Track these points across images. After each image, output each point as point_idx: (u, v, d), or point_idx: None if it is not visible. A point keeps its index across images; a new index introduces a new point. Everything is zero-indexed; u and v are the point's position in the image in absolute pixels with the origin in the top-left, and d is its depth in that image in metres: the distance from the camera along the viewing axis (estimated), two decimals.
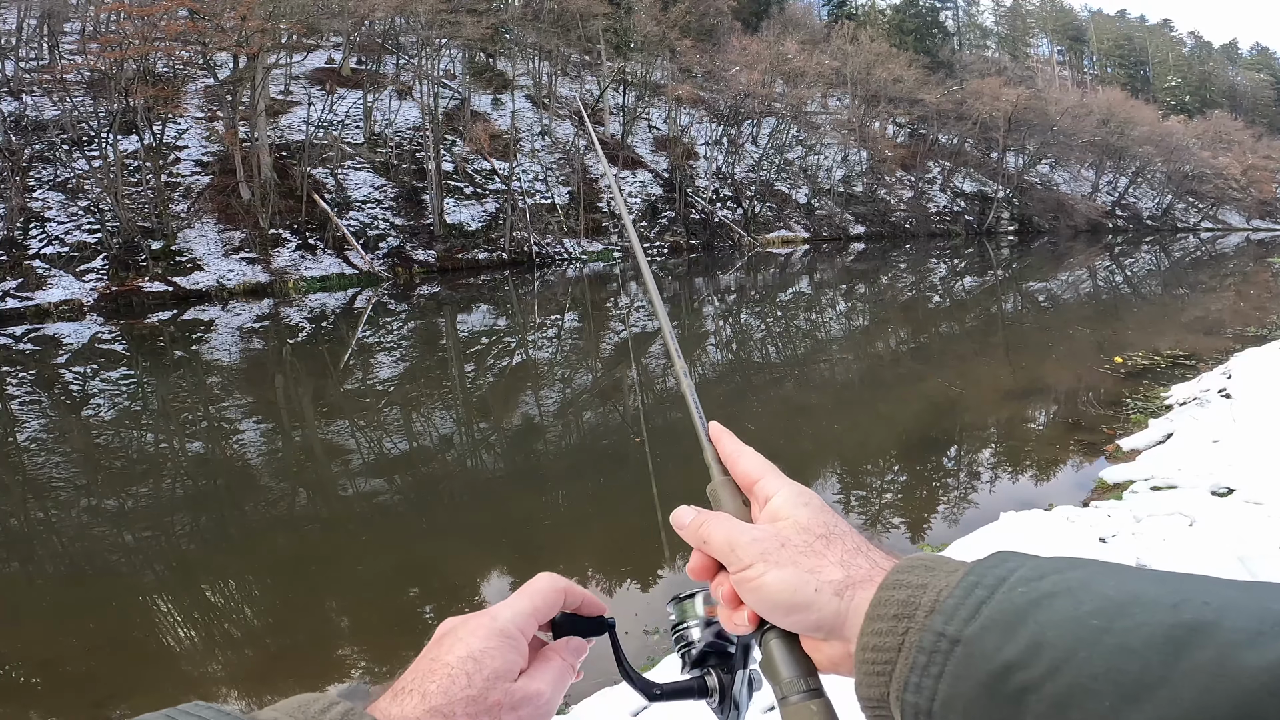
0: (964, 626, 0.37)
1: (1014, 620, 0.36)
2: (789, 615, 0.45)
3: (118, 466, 7.64)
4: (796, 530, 0.48)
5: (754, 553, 0.47)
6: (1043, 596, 0.36)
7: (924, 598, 0.40)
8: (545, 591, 0.54)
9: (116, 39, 18.63)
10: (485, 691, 0.47)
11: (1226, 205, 56.69)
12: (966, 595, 0.38)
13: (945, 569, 0.42)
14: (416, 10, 23.08)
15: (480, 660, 0.48)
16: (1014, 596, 0.37)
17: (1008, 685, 0.34)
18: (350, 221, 21.30)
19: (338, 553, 5.68)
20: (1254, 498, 4.75)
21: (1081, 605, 0.35)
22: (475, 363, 12.16)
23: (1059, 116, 42.60)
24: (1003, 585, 0.38)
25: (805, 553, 0.46)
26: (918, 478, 7.10)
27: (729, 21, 40.50)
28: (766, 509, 0.51)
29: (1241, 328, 13.58)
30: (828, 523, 0.48)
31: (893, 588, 0.42)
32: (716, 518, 0.51)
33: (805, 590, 0.44)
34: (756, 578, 0.46)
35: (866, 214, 36.09)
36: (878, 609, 0.41)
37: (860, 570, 0.45)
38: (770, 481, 0.52)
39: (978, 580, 0.39)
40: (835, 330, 15.46)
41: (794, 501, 0.50)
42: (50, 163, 18.56)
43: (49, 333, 13.99)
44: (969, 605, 0.38)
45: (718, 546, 0.49)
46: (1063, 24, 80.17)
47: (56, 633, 4.60)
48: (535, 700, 0.49)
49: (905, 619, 0.40)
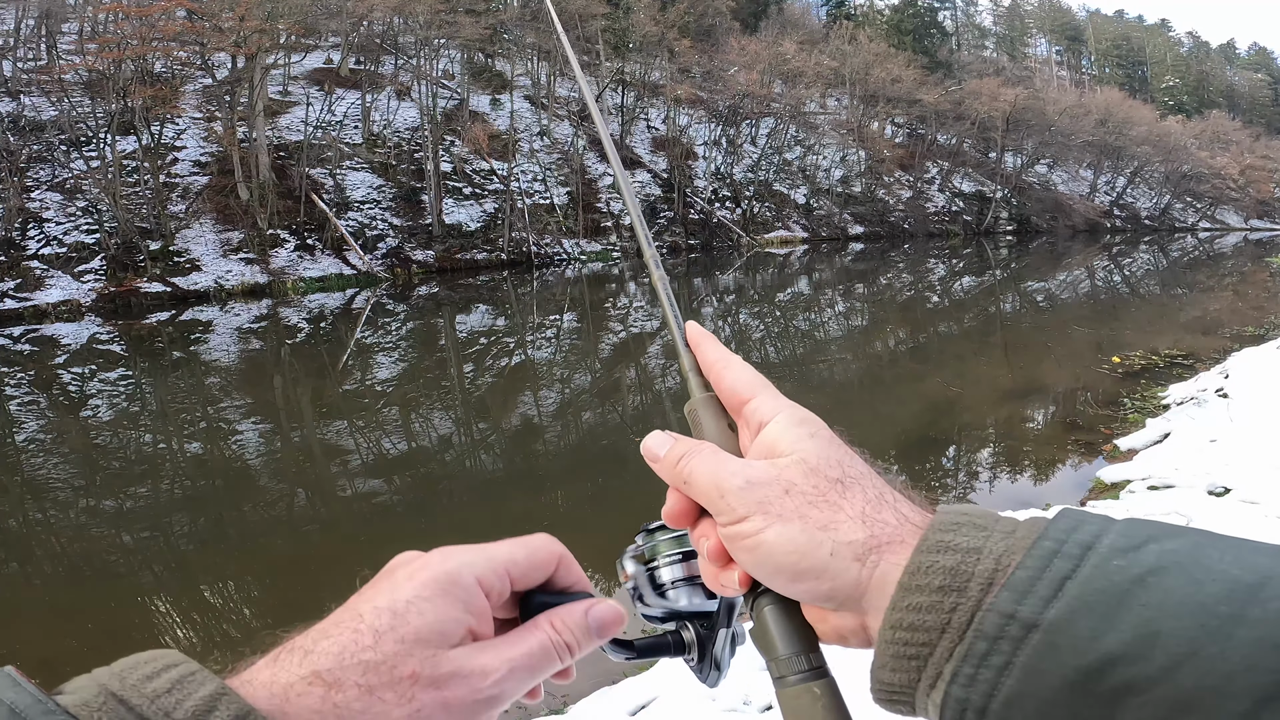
0: (1044, 608, 0.29)
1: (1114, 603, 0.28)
2: (794, 583, 0.36)
3: (116, 467, 7.63)
4: (803, 472, 0.37)
5: (750, 500, 0.37)
6: (1147, 573, 0.29)
7: (979, 566, 0.32)
8: (534, 548, 0.41)
9: (114, 39, 18.61)
10: (395, 657, 0.34)
11: (1224, 205, 56.77)
12: (1044, 566, 0.30)
13: (1001, 529, 0.33)
14: (415, 10, 23.08)
15: (401, 614, 0.35)
16: (1109, 571, 0.29)
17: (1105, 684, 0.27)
18: (349, 222, 21.29)
19: (337, 553, 5.68)
20: (1251, 497, 4.77)
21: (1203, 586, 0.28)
22: (474, 363, 12.16)
23: (1057, 116, 42.64)
24: (1090, 555, 0.30)
25: (815, 502, 0.37)
26: (916, 477, 7.11)
27: (727, 22, 40.51)
28: (761, 438, 0.40)
29: (1239, 327, 13.60)
30: (842, 461, 0.38)
31: (935, 551, 0.33)
32: (700, 450, 0.40)
33: (817, 553, 0.35)
34: (753, 534, 0.37)
35: (865, 214, 36.11)
36: (916, 578, 0.32)
37: (886, 527, 0.36)
38: (765, 401, 0.41)
39: (1057, 547, 0.31)
40: (834, 330, 15.48)
41: (797, 430, 0.39)
42: (48, 163, 18.53)
43: (47, 333, 13.97)
44: (1049, 580, 0.30)
45: (702, 488, 0.39)
46: (1060, 24, 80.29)
47: (55, 633, 4.60)
48: (474, 679, 0.36)
49: (955, 592, 0.31)
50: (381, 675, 0.34)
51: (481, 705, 0.36)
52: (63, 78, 18.67)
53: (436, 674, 0.35)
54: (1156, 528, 0.31)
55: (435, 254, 21.81)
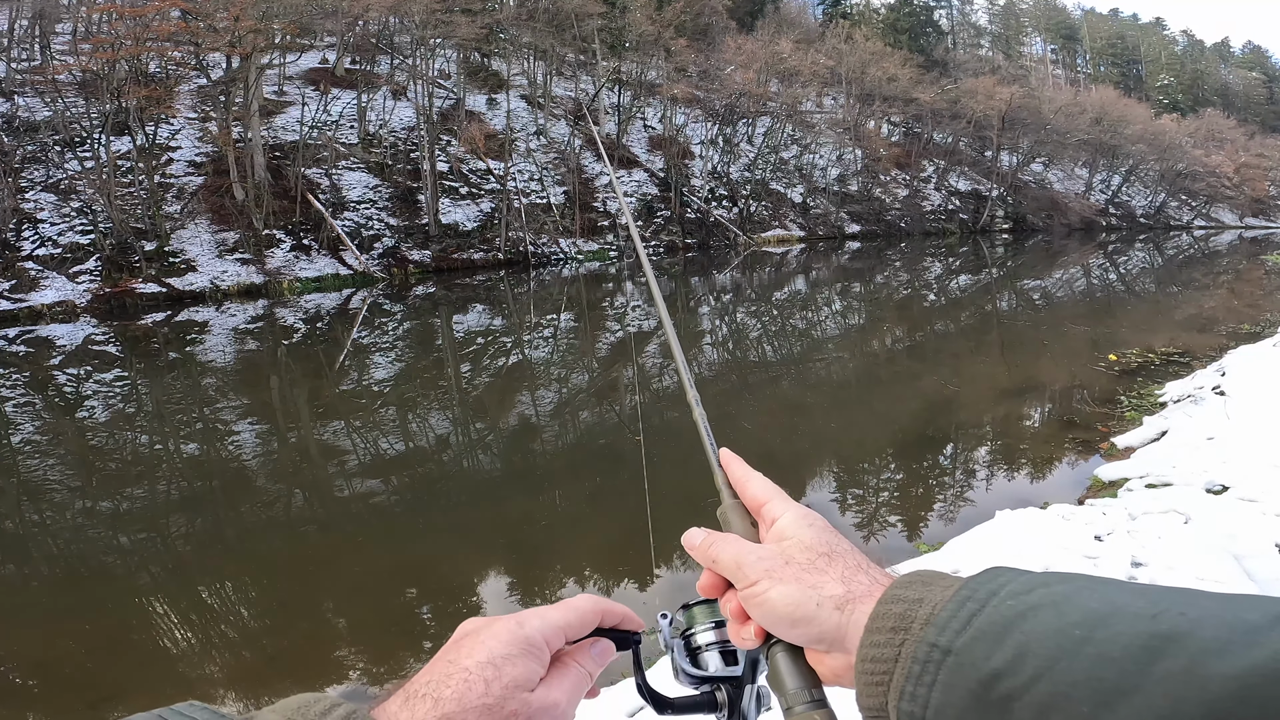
0: (955, 637, 0.39)
1: (1001, 631, 0.38)
2: (793, 628, 0.47)
3: (112, 468, 7.60)
4: (800, 549, 0.50)
5: (760, 570, 0.49)
6: (1029, 609, 0.38)
7: (920, 611, 0.42)
8: (583, 610, 0.54)
9: (108, 39, 18.54)
10: (503, 701, 0.46)
11: (1219, 203, 56.93)
12: (959, 608, 0.40)
13: (941, 584, 0.44)
14: (411, 10, 23.02)
15: (500, 667, 0.47)
16: (1003, 609, 0.39)
17: (994, 692, 0.36)
18: (345, 222, 21.24)
19: (334, 554, 5.67)
20: (1249, 495, 4.77)
21: (1065, 616, 0.36)
22: (471, 363, 12.14)
23: (1052, 115, 42.71)
24: (994, 599, 0.40)
25: (808, 569, 0.48)
26: (914, 476, 7.11)
27: (724, 21, 40.51)
28: (773, 530, 0.53)
29: (1235, 325, 13.64)
30: (830, 542, 0.50)
31: (890, 602, 0.43)
32: (725, 538, 0.53)
33: (808, 604, 0.46)
34: (762, 593, 0.48)
35: (861, 213, 36.14)
36: (876, 622, 0.43)
37: (861, 586, 0.47)
38: (777, 504, 0.54)
39: (970, 594, 0.41)
40: (831, 329, 15.48)
41: (799, 523, 0.52)
42: (42, 164, 18.46)
43: (42, 334, 13.92)
44: (961, 617, 0.40)
45: (726, 565, 0.52)
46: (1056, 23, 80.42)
47: (53, 634, 4.58)
48: (551, 711, 0.48)
49: (902, 631, 0.42)
50: (494, 715, 0.45)
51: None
52: (57, 78, 18.60)
53: (529, 711, 0.47)
54: (1054, 576, 0.40)
55: (432, 254, 21.77)
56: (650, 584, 5.06)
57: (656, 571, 5.19)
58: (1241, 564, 3.78)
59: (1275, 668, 0.30)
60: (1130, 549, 4.07)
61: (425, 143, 23.01)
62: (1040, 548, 4.15)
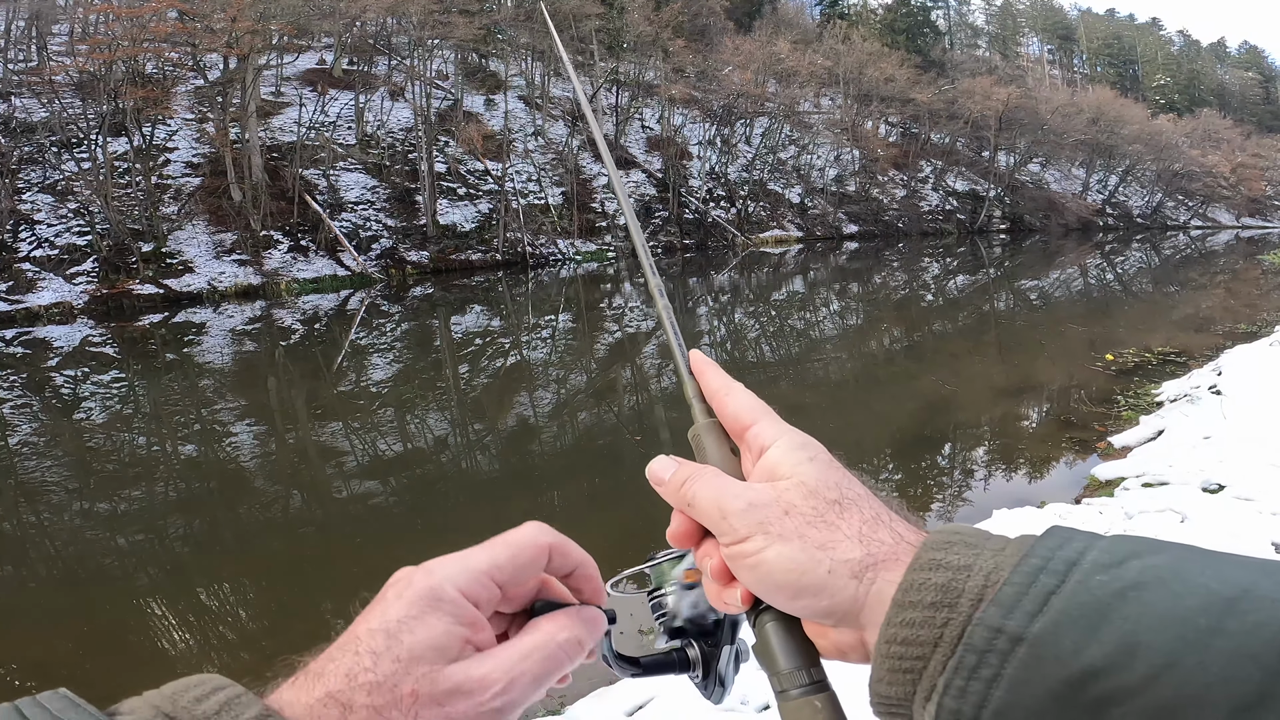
0: (1029, 621, 0.30)
1: (1096, 616, 0.29)
2: (794, 599, 0.38)
3: (110, 470, 7.60)
4: (803, 494, 0.39)
5: (751, 521, 0.39)
6: (1128, 587, 0.30)
7: (969, 583, 0.33)
8: (517, 543, 0.41)
9: (105, 40, 18.52)
10: (394, 676, 0.35)
11: (1216, 203, 57.07)
12: (1030, 582, 0.31)
13: (990, 547, 0.35)
14: (408, 11, 23.02)
15: (395, 634, 0.36)
16: (1092, 586, 0.30)
17: (1087, 694, 0.28)
18: (343, 223, 21.23)
19: (332, 555, 5.67)
20: (1245, 494, 4.79)
21: (1181, 600, 0.29)
22: (469, 364, 12.14)
23: (1049, 115, 42.80)
24: (1074, 570, 0.31)
25: (814, 523, 0.38)
26: (912, 476, 7.12)
27: (721, 21, 40.55)
28: (762, 462, 0.42)
29: (1232, 324, 13.67)
30: (840, 484, 0.40)
31: (928, 569, 0.34)
32: (703, 473, 0.42)
33: (816, 571, 0.37)
34: (754, 553, 0.38)
35: (859, 213, 36.18)
36: (910, 594, 0.34)
37: (883, 546, 0.37)
38: (766, 427, 0.44)
39: (1043, 564, 0.32)
40: (829, 329, 15.50)
41: (797, 455, 0.41)
42: (39, 165, 18.42)
43: (39, 336, 13.89)
44: (1034, 595, 0.31)
45: (705, 510, 0.41)
46: (1053, 23, 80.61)
47: (50, 635, 4.57)
48: (476, 693, 0.36)
49: (946, 608, 0.33)
50: (385, 695, 0.35)
51: (488, 717, 0.36)
52: (53, 79, 18.57)
53: (435, 691, 0.35)
54: (1140, 543, 0.32)
55: (430, 255, 21.76)
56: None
57: None
58: None
59: None
60: None
61: (423, 143, 23.00)
62: None
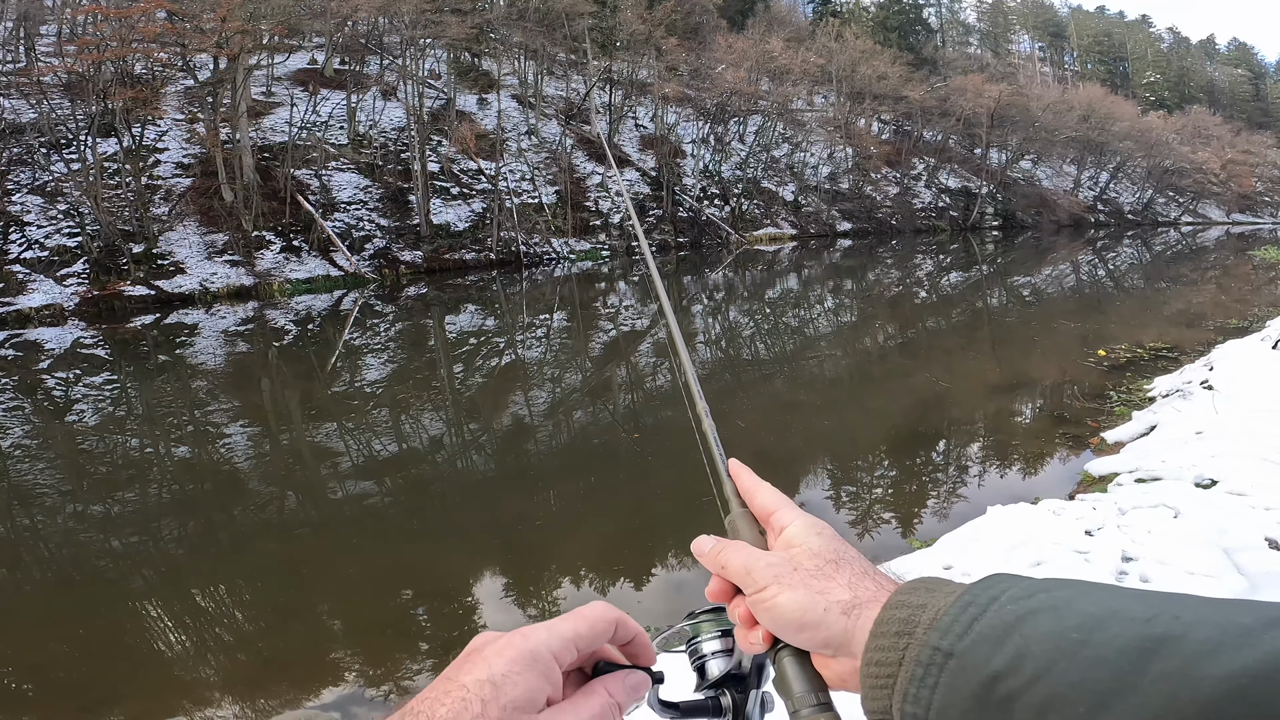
0: (957, 641, 0.41)
1: (1002, 634, 0.39)
2: (800, 633, 0.48)
3: (103, 472, 7.55)
4: (808, 555, 0.51)
5: (769, 575, 0.50)
6: (1029, 613, 0.39)
7: (923, 616, 0.43)
8: (593, 619, 0.51)
9: (93, 41, 18.37)
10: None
11: (1206, 199, 57.40)
12: (961, 612, 0.42)
13: (944, 590, 0.45)
14: (400, 10, 22.93)
15: (499, 685, 0.43)
16: (1003, 613, 0.40)
17: (995, 693, 0.38)
18: (335, 223, 21.14)
19: (328, 556, 5.65)
20: (1238, 489, 4.82)
21: (1064, 620, 0.38)
22: (464, 364, 12.11)
23: (1040, 112, 42.98)
24: (994, 603, 0.41)
25: (816, 575, 0.50)
26: (907, 473, 7.14)
27: (714, 20, 40.55)
28: (781, 537, 0.54)
29: (1223, 320, 13.76)
30: (838, 549, 0.52)
31: (895, 607, 0.45)
32: (734, 545, 0.55)
33: (815, 610, 0.48)
34: (770, 598, 0.50)
35: (853, 210, 36.24)
36: (881, 626, 0.45)
37: (867, 592, 0.48)
38: (786, 513, 0.56)
39: (972, 599, 0.42)
40: (823, 326, 15.53)
41: (807, 530, 0.53)
42: (28, 166, 18.29)
43: (30, 338, 13.80)
44: (963, 621, 0.41)
45: (735, 571, 0.53)
46: (1043, 20, 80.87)
47: (45, 638, 4.55)
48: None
49: (906, 635, 0.43)
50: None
51: None
52: (42, 80, 18.43)
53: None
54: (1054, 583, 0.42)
55: (423, 254, 21.71)
56: (646, 582, 5.07)
57: (656, 571, 5.20)
58: (1231, 558, 3.82)
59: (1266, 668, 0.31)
60: (1121, 544, 4.11)
61: (416, 143, 22.93)
62: (1032, 543, 4.18)
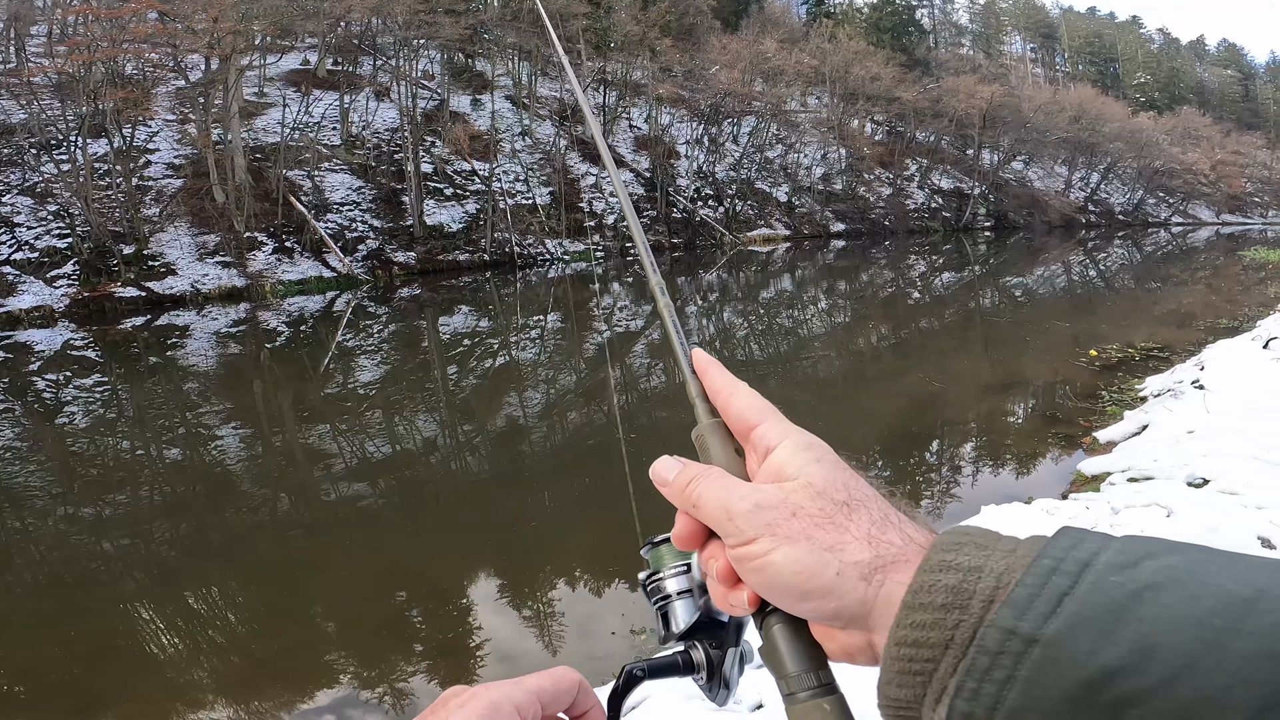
0: (1043, 623, 0.30)
1: (1111, 617, 0.29)
2: (802, 602, 0.38)
3: (94, 475, 7.50)
4: (810, 495, 0.39)
5: (758, 523, 0.38)
6: (1144, 588, 0.30)
7: (981, 584, 0.33)
8: (559, 678, 0.46)
9: (84, 41, 18.27)
10: None
11: (1196, 200, 57.79)
12: (1043, 583, 0.31)
13: (1001, 548, 0.34)
14: (393, 11, 22.87)
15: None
16: (1106, 587, 0.30)
17: (1103, 696, 0.28)
18: (328, 224, 21.07)
19: (322, 558, 5.63)
20: (1229, 487, 4.85)
21: (1197, 600, 0.29)
22: (458, 365, 12.09)
23: (1032, 113, 43.21)
24: (1087, 571, 0.31)
25: (822, 524, 0.38)
26: (900, 472, 7.16)
27: (708, 20, 40.59)
28: (768, 463, 0.41)
29: (1213, 320, 13.85)
30: (848, 484, 0.39)
31: (938, 570, 0.34)
32: (708, 474, 0.42)
33: (824, 573, 0.37)
34: (761, 555, 0.38)
35: (846, 211, 36.34)
36: (920, 596, 0.34)
37: (892, 547, 0.37)
38: (772, 427, 0.43)
39: (1055, 564, 0.32)
40: (817, 327, 15.56)
41: (804, 455, 0.40)
42: (18, 167, 18.17)
43: (20, 340, 13.70)
44: (1047, 596, 0.31)
45: (711, 512, 0.40)
46: (1035, 21, 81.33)
47: (37, 640, 4.53)
48: None
49: (957, 609, 0.33)
50: None
51: None
52: (32, 80, 18.30)
53: None
54: (1155, 544, 0.32)
55: (417, 255, 21.65)
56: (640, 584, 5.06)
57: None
58: None
59: None
60: None
61: (409, 144, 22.87)
62: None
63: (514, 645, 4.49)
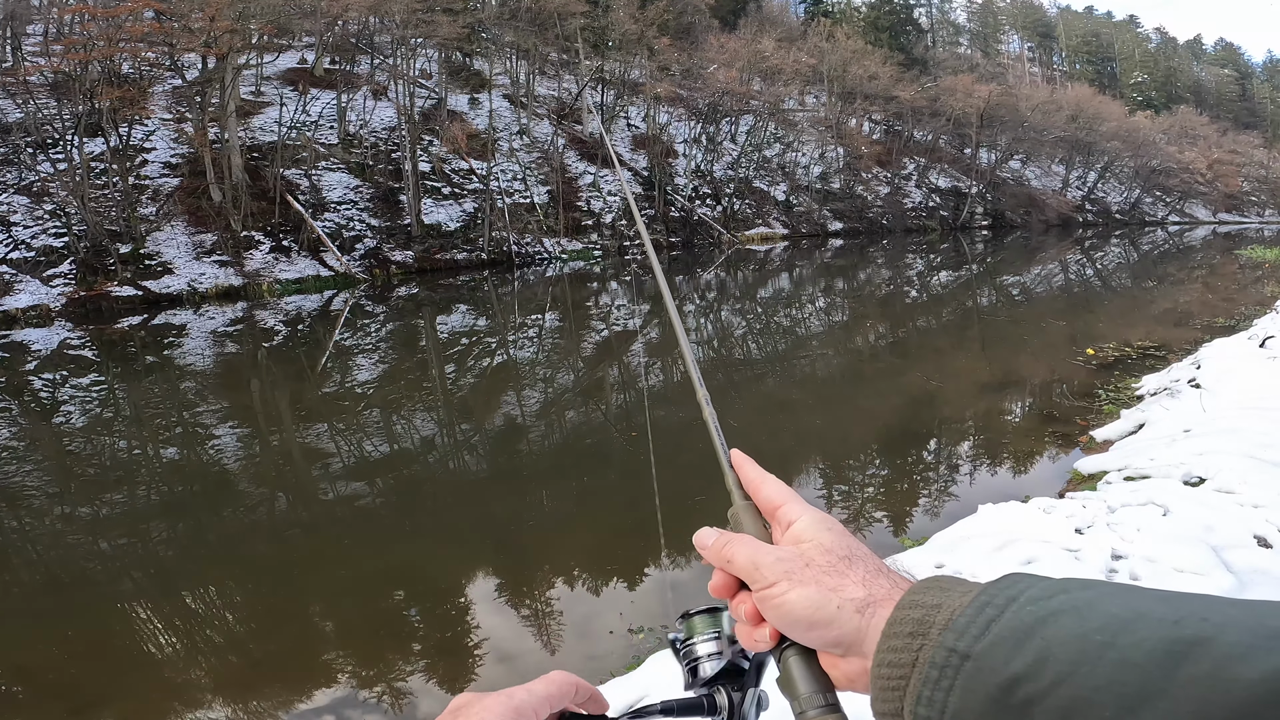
0: (974, 642, 0.39)
1: (1022, 636, 0.38)
2: (810, 631, 0.47)
3: (91, 474, 7.49)
4: (820, 551, 0.49)
5: (778, 571, 0.49)
6: (1050, 614, 0.38)
7: (938, 616, 0.42)
8: (560, 681, 0.55)
9: (80, 40, 18.21)
10: None
11: (1193, 199, 57.90)
12: (978, 613, 0.40)
13: (959, 590, 0.44)
14: (391, 10, 22.83)
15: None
16: (1022, 614, 0.39)
17: (1014, 697, 0.36)
18: (325, 223, 21.04)
19: (320, 557, 5.62)
20: (1225, 486, 4.86)
21: (1087, 621, 0.37)
22: (456, 364, 12.08)
23: (1029, 113, 43.26)
24: (1013, 604, 0.40)
25: (828, 572, 0.48)
26: (898, 471, 7.17)
27: (706, 19, 40.60)
28: (789, 533, 0.52)
29: (1210, 318, 13.88)
30: (850, 545, 0.50)
31: (909, 607, 0.44)
32: (740, 539, 0.53)
33: (828, 607, 0.46)
34: (780, 595, 0.48)
35: (844, 210, 36.36)
36: (894, 626, 0.43)
37: (881, 590, 0.47)
38: (793, 507, 0.54)
39: (989, 599, 0.41)
40: (815, 326, 15.57)
41: (817, 526, 0.51)
42: (15, 166, 18.12)
43: (16, 339, 13.67)
44: (980, 622, 0.40)
45: (741, 565, 0.51)
46: (1032, 20, 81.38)
47: (34, 640, 4.51)
48: None
49: (920, 636, 0.42)
50: None
51: None
52: (28, 79, 18.25)
53: None
54: (1073, 583, 0.40)
55: (414, 254, 21.63)
56: (638, 583, 5.07)
57: (649, 571, 5.20)
58: (1220, 555, 3.85)
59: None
60: (1110, 541, 4.14)
61: (407, 143, 22.84)
62: (1023, 541, 4.20)
63: (512, 645, 4.49)
